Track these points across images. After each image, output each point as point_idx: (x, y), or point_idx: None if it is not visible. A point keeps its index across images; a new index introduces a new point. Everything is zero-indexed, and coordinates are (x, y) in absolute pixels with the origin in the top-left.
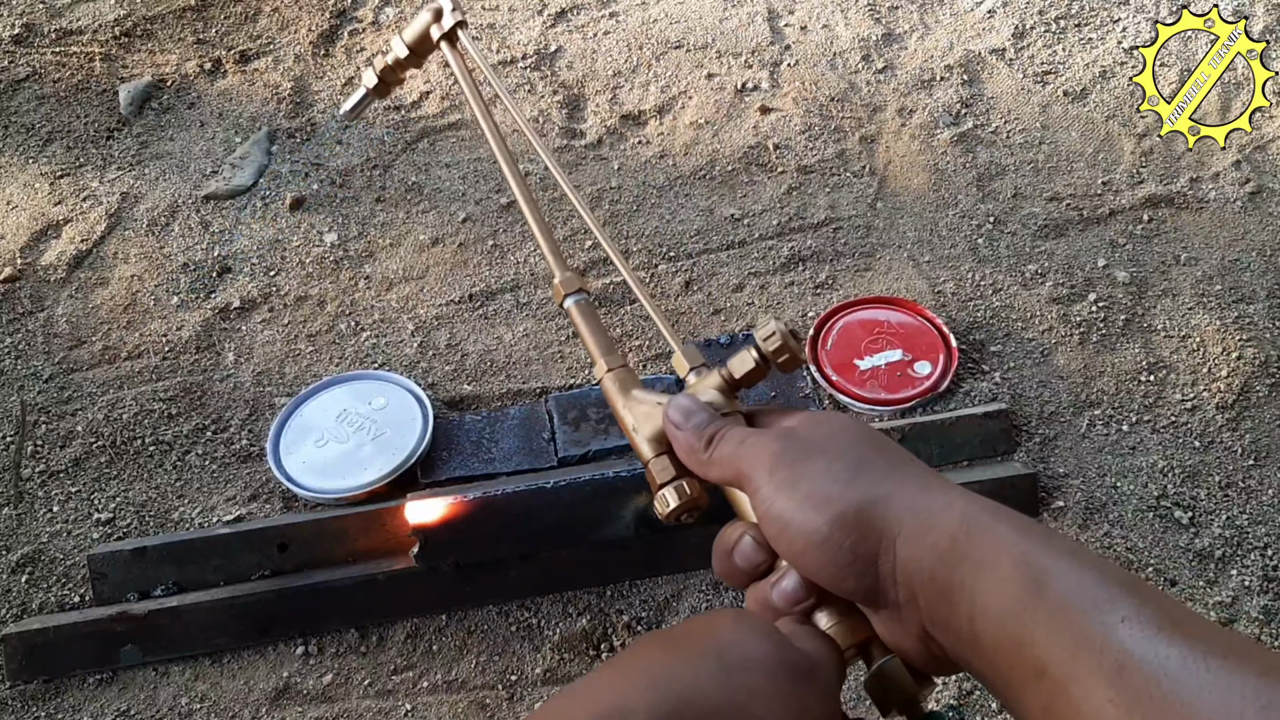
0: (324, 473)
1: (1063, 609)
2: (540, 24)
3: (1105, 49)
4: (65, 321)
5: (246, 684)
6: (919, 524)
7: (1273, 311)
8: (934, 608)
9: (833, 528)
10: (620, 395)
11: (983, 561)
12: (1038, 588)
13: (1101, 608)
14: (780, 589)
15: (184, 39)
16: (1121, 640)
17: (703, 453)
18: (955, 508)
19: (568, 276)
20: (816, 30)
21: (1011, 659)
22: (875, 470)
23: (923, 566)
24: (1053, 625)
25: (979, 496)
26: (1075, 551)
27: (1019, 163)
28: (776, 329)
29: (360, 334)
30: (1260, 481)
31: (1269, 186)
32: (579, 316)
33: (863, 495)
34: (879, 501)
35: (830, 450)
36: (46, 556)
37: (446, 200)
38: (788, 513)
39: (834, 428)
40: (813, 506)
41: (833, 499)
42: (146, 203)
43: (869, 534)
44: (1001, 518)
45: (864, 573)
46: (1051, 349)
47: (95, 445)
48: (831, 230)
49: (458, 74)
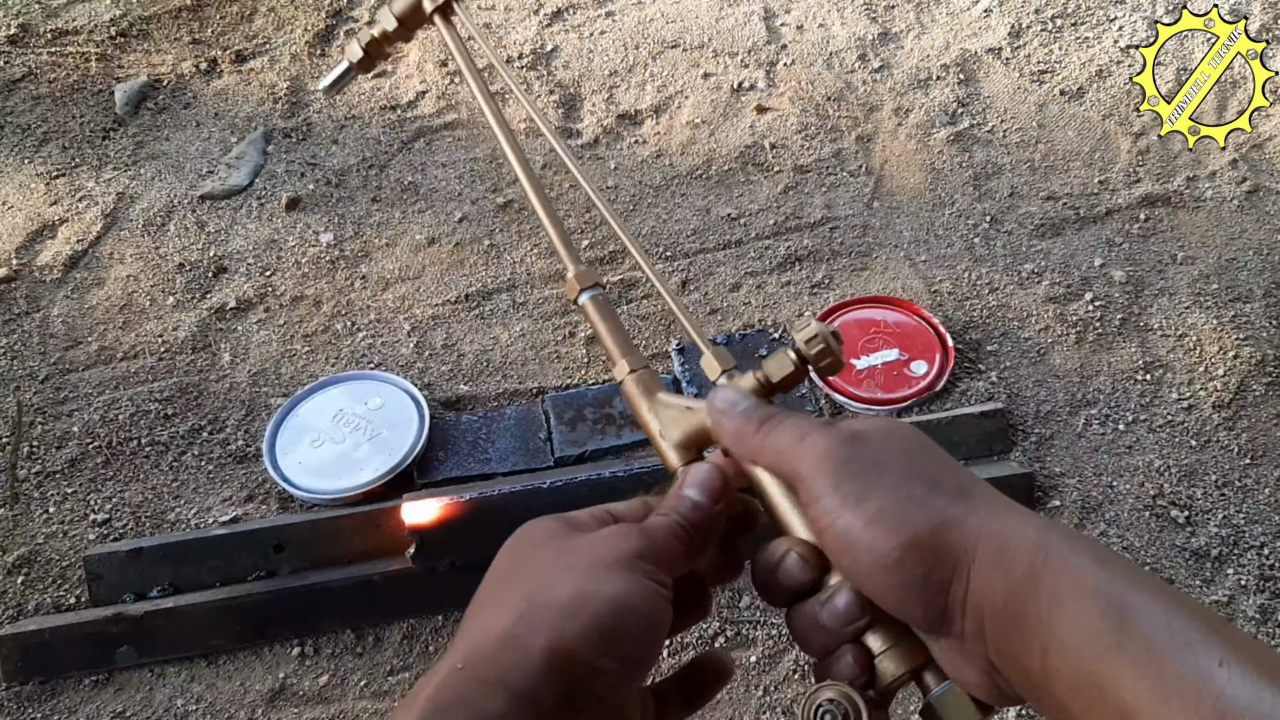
0: (320, 473)
1: (1150, 649)
2: (536, 24)
3: (1101, 48)
4: (61, 322)
5: (242, 685)
6: (994, 552)
7: (1269, 310)
8: (1004, 640)
9: (905, 551)
10: (644, 399)
11: (1060, 594)
12: (1122, 625)
13: (1195, 649)
14: (832, 607)
15: (180, 39)
16: (1220, 686)
17: (754, 435)
18: (1030, 535)
19: (582, 270)
20: (813, 30)
21: (1090, 700)
22: (947, 491)
23: (995, 598)
24: (1140, 667)
25: (1055, 523)
26: (1160, 587)
27: (1015, 162)
28: (819, 330)
29: (356, 334)
30: (1257, 480)
31: (1266, 185)
32: (596, 313)
33: (937, 518)
34: (953, 526)
35: (901, 465)
36: (42, 557)
37: (443, 200)
38: (854, 531)
39: (903, 438)
40: (884, 527)
41: (906, 521)
42: (142, 203)
43: (943, 561)
44: (1080, 547)
45: (933, 601)
46: (1048, 348)
47: (91, 446)
48: (828, 230)
49: (454, 51)
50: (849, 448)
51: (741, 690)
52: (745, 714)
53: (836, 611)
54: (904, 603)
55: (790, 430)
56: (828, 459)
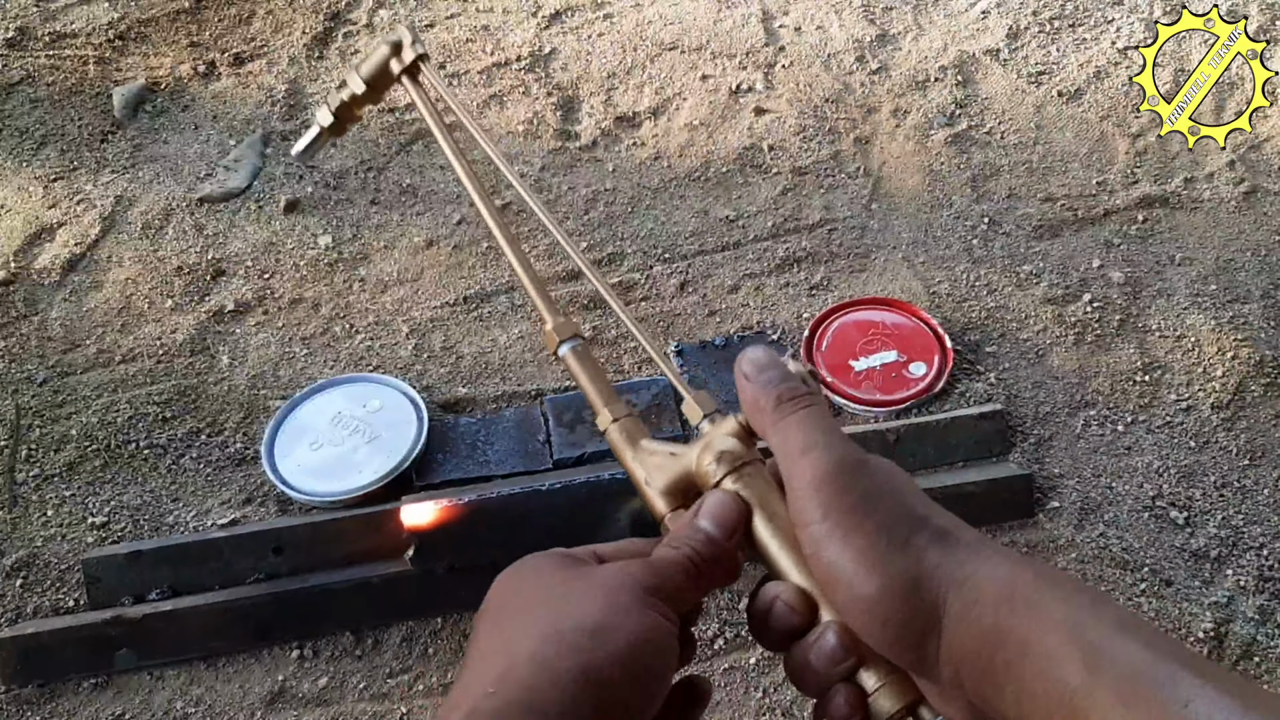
0: (319, 475)
1: (1120, 691)
2: (535, 26)
3: (1099, 49)
4: (59, 325)
5: (242, 688)
6: (964, 602)
7: (1267, 311)
8: (980, 687)
9: (884, 594)
10: (628, 447)
11: (1028, 641)
12: (1090, 668)
13: (1163, 687)
14: (820, 649)
15: (178, 42)
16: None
17: (769, 412)
18: (999, 579)
19: (561, 323)
20: (811, 31)
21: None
22: (929, 532)
23: (968, 649)
24: (1111, 710)
25: (1029, 562)
26: (1126, 624)
27: (1013, 163)
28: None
29: (355, 336)
30: (1256, 481)
31: (1263, 186)
32: (576, 364)
33: (914, 568)
34: (927, 577)
35: (890, 502)
36: (41, 560)
37: (441, 202)
38: (838, 565)
39: (898, 476)
40: (866, 567)
41: (885, 565)
42: (141, 206)
43: (917, 612)
44: (1046, 586)
45: (912, 649)
46: (1046, 349)
47: (90, 449)
48: (826, 231)
49: (423, 111)
50: (847, 476)
51: (741, 692)
52: (745, 715)
53: (824, 653)
54: (886, 646)
55: (798, 432)
56: (824, 485)
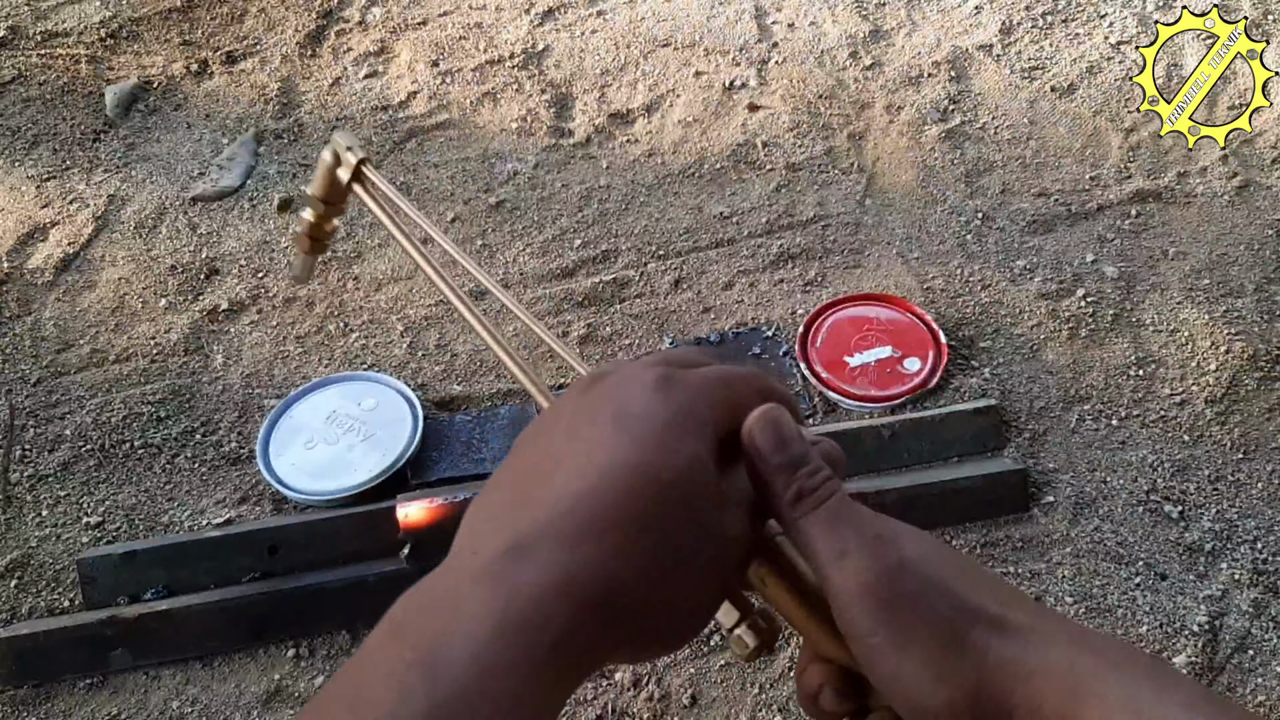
0: (314, 474)
1: None
2: (527, 23)
3: (1092, 44)
4: (53, 325)
5: (238, 687)
6: (1029, 706)
7: (1261, 305)
8: None
9: (949, 707)
10: None
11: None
12: None
13: None
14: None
15: (170, 40)
16: None
17: (788, 505)
18: (1061, 670)
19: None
20: (804, 27)
21: None
22: (980, 626)
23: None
24: None
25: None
26: (1195, 703)
27: (1007, 158)
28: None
29: (349, 335)
30: (1249, 475)
31: (1256, 180)
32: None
33: (977, 670)
34: (990, 676)
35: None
36: (35, 561)
37: (435, 200)
38: (898, 679)
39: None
40: (929, 681)
41: (948, 676)
42: (133, 205)
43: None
44: (1106, 672)
45: None
46: (1041, 344)
47: (84, 449)
48: (820, 227)
49: (377, 214)
50: (890, 581)
51: (738, 688)
52: (741, 712)
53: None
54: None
55: (828, 532)
56: (869, 595)
